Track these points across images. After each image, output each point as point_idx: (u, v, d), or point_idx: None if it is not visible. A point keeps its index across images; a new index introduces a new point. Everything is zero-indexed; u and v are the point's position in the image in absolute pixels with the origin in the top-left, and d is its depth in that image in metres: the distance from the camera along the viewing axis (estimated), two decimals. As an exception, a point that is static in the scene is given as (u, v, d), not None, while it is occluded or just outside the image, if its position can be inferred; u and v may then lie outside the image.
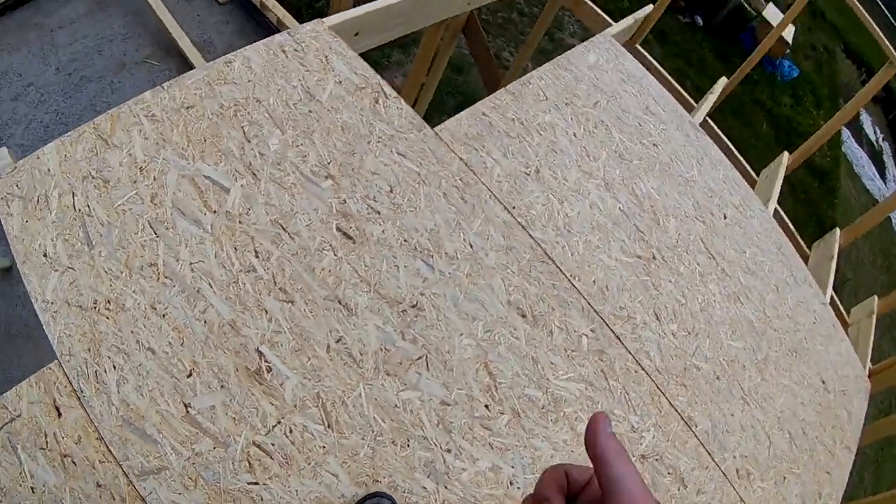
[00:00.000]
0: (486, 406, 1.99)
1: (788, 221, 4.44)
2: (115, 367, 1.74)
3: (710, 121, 4.39)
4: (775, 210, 3.95)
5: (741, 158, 4.48)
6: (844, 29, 16.57)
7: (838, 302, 4.18)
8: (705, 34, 13.01)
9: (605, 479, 0.61)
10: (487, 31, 9.62)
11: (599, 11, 4.42)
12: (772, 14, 13.05)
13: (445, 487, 1.87)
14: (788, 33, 12.90)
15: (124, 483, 1.63)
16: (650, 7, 4.30)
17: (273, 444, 1.75)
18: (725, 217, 2.97)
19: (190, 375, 1.78)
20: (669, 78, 4.42)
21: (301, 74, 2.34)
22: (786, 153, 4.62)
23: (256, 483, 1.70)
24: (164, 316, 1.84)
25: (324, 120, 2.27)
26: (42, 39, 5.89)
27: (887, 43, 3.84)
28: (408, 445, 1.86)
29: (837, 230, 4.41)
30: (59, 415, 1.68)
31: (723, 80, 4.78)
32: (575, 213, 2.52)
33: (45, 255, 1.86)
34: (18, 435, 1.64)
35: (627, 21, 4.04)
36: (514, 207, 2.39)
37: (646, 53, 4.42)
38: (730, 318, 2.63)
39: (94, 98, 5.61)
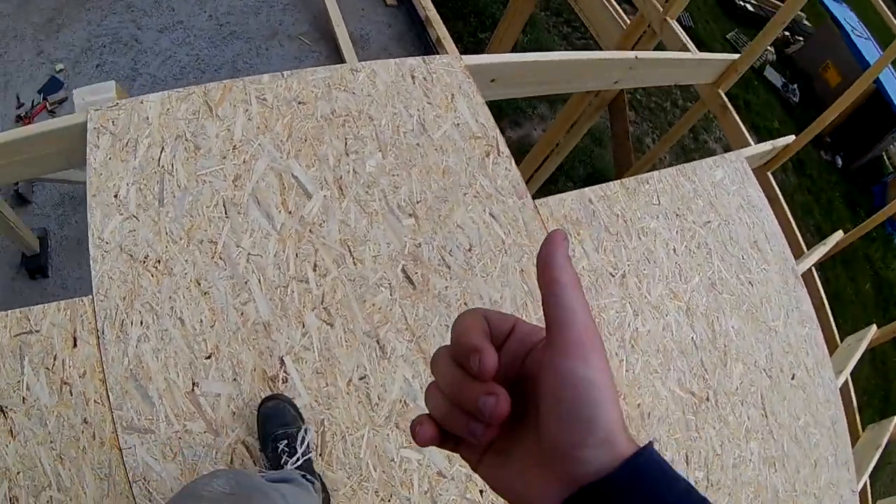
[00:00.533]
0: (482, 492, 1.89)
1: (853, 394, 4.21)
2: (142, 323, 1.76)
3: (814, 270, 4.18)
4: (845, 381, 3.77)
5: (831, 319, 4.26)
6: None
7: (868, 488, 3.98)
8: (840, 176, 12.64)
9: (556, 308, 0.53)
10: (637, 113, 9.50)
11: (741, 127, 4.26)
12: (906, 173, 12.65)
13: (412, 558, 1.80)
14: (916, 197, 12.44)
15: (109, 429, 1.65)
16: (792, 137, 4.15)
17: (261, 451, 1.73)
18: (793, 378, 2.80)
19: (209, 358, 1.78)
20: (789, 214, 4.23)
21: (421, 105, 2.29)
22: (874, 327, 4.41)
23: (231, 478, 1.66)
24: (205, 294, 1.84)
25: (428, 157, 2.21)
26: (203, -18, 5.97)
27: None
28: (389, 501, 1.79)
29: (895, 419, 4.20)
30: (75, 345, 1.71)
31: (838, 234, 4.58)
32: (645, 330, 2.38)
33: (115, 196, 1.88)
34: (30, 348, 1.68)
35: (765, 146, 3.88)
36: (586, 305, 2.27)
37: (774, 183, 4.24)
38: (758, 481, 2.46)
39: (237, 56, 5.66)
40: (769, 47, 12.03)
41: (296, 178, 2.03)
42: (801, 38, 13.25)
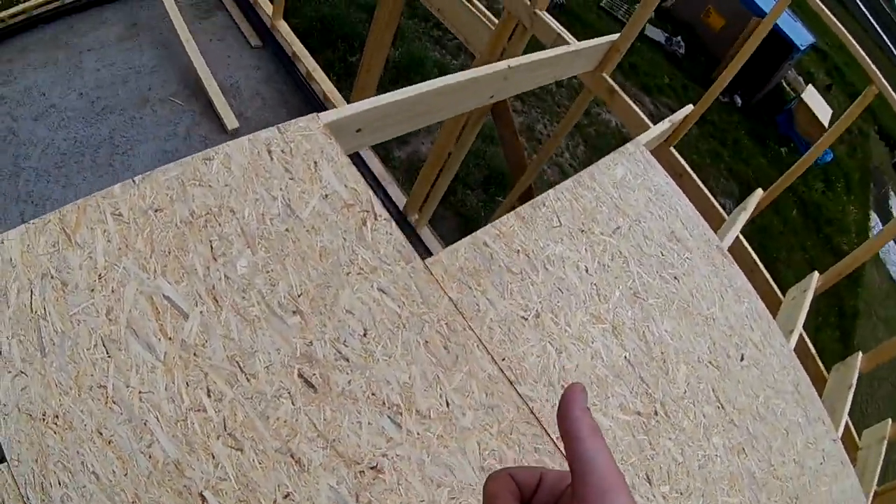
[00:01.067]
0: None
1: (810, 344, 4.19)
2: (60, 483, 1.62)
3: (739, 234, 4.14)
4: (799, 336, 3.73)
5: (768, 277, 4.23)
6: (880, 111, 16.44)
7: (852, 428, 4.00)
8: (742, 115, 12.90)
9: (576, 459, 0.58)
10: (523, 101, 9.50)
11: (634, 107, 4.18)
12: (810, 95, 12.89)
13: None
14: (825, 116, 12.70)
15: None
16: (690, 107, 4.10)
17: None
18: (742, 359, 2.74)
19: (132, 508, 1.65)
20: (701, 185, 4.19)
21: (284, 183, 2.14)
22: (816, 274, 4.39)
23: None
24: (109, 443, 1.70)
25: (301, 242, 2.07)
26: (70, 60, 5.85)
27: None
28: None
29: (860, 354, 4.21)
30: (8, 516, 1.60)
31: (758, 193, 4.55)
32: (573, 366, 2.28)
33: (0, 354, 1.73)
34: (-35, 528, 1.56)
35: (663, 125, 3.82)
36: (503, 359, 2.16)
37: (679, 157, 4.20)
38: (730, 472, 2.40)
39: (113, 131, 5.55)
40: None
41: (167, 299, 1.87)
42: (676, -11, 13.43)
